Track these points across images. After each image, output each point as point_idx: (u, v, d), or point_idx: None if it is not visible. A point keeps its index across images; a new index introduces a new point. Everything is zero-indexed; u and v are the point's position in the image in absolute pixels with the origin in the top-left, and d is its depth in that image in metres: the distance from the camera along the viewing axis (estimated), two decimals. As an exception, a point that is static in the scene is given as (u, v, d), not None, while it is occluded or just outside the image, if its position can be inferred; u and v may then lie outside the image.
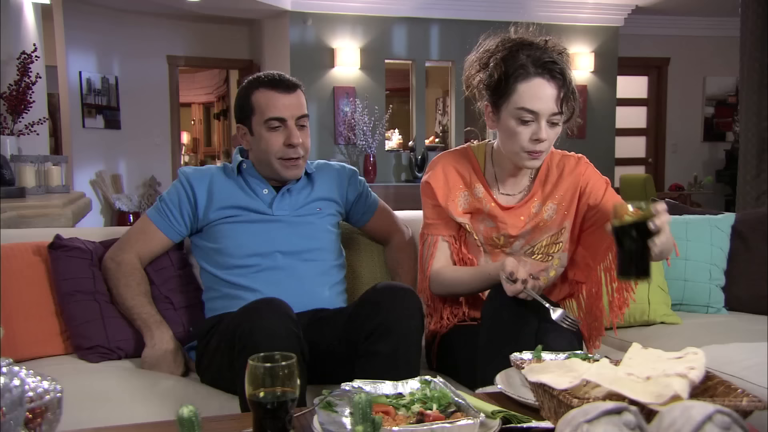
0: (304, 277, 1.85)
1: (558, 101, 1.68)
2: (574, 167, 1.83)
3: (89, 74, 7.44)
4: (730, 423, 0.83)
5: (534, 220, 1.82)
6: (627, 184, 7.91)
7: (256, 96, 1.87)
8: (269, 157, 1.87)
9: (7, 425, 0.83)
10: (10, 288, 1.83)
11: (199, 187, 1.90)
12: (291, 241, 1.87)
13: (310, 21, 6.96)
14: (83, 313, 1.85)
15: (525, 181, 1.86)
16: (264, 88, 1.86)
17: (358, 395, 0.94)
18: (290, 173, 1.89)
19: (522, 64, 1.68)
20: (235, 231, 1.87)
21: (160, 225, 1.92)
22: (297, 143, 1.85)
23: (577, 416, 0.86)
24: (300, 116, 1.87)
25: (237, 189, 1.92)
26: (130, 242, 1.93)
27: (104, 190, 7.46)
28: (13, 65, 4.15)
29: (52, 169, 4.09)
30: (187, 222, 1.92)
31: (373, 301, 1.63)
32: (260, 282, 1.82)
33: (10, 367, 0.90)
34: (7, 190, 3.42)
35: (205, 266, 1.91)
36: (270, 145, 1.86)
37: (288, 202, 1.93)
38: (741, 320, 2.27)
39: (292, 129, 1.85)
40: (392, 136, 7.87)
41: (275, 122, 1.85)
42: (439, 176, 1.85)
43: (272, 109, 1.84)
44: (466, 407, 1.14)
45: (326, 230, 1.96)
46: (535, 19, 4.58)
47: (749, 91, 4.52)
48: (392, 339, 1.56)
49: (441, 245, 1.86)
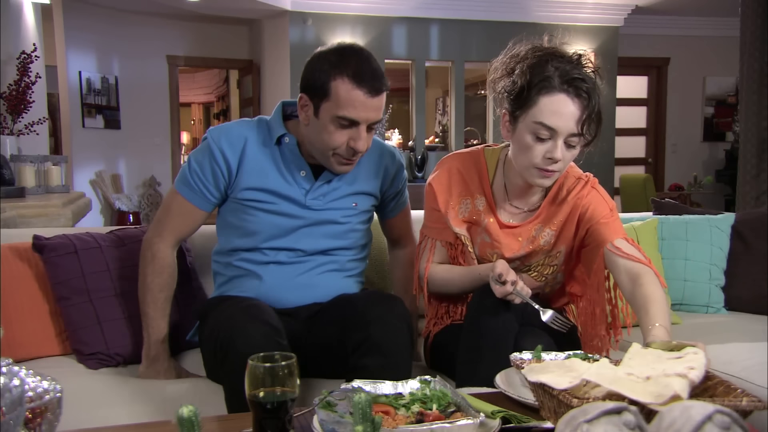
0: (318, 273, 1.79)
1: (579, 122, 1.57)
2: (578, 191, 1.74)
3: (89, 74, 7.44)
4: (730, 423, 0.83)
5: (531, 244, 1.76)
6: (627, 184, 7.92)
7: (337, 83, 1.62)
8: (325, 149, 1.68)
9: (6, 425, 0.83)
10: (9, 288, 1.83)
11: (231, 155, 1.71)
12: (317, 242, 1.78)
13: (309, 21, 6.96)
14: (80, 318, 1.84)
15: (535, 199, 1.77)
16: (349, 80, 1.62)
17: (357, 395, 0.94)
18: (341, 170, 1.73)
19: (548, 76, 1.56)
20: (263, 219, 1.74)
21: (193, 200, 1.75)
22: (361, 150, 1.68)
23: (577, 416, 0.86)
24: (374, 122, 1.69)
25: (272, 166, 1.74)
26: (168, 226, 1.79)
27: (104, 189, 7.46)
28: (12, 65, 4.15)
29: (52, 168, 4.09)
30: (222, 190, 1.76)
31: (363, 311, 1.61)
32: (269, 271, 1.76)
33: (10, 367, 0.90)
34: (7, 189, 3.42)
35: (220, 231, 1.83)
36: (332, 140, 1.66)
37: (324, 192, 1.77)
38: (741, 320, 2.27)
39: (361, 133, 1.66)
40: (392, 136, 7.87)
41: (346, 122, 1.64)
42: (443, 180, 1.79)
43: (349, 109, 1.63)
44: (466, 407, 1.14)
45: (356, 229, 1.84)
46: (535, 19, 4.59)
47: (749, 90, 4.52)
48: (381, 353, 1.54)
49: (438, 249, 1.83)
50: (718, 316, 2.33)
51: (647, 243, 2.31)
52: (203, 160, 1.72)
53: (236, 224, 1.77)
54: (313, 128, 1.69)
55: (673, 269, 2.35)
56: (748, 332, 2.08)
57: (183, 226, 1.79)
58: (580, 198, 1.73)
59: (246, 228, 1.75)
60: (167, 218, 1.79)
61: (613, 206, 1.76)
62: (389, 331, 1.57)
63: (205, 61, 8.54)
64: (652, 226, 2.37)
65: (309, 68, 1.68)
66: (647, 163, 9.18)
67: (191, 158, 1.75)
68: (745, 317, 2.31)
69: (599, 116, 1.60)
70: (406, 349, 1.60)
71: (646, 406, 0.99)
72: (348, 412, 1.12)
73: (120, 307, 1.87)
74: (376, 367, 1.52)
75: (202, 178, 1.73)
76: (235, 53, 8.30)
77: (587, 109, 1.57)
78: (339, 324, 1.66)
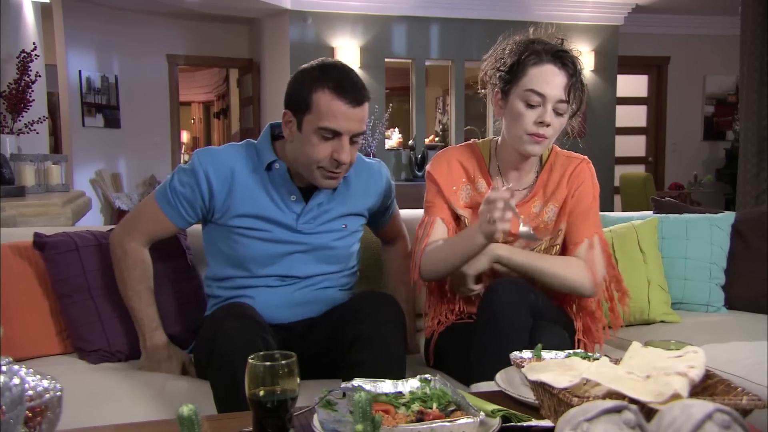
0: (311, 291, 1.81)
1: (566, 88, 1.70)
2: (574, 168, 1.83)
3: (89, 73, 7.44)
4: (730, 421, 0.83)
5: (534, 221, 1.81)
6: (627, 183, 7.91)
7: (318, 95, 1.64)
8: (310, 163, 1.69)
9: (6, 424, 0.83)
10: (9, 287, 1.83)
11: (216, 181, 1.72)
12: (310, 268, 1.80)
13: (310, 20, 6.96)
14: (81, 315, 1.85)
15: (528, 179, 1.85)
16: (330, 91, 1.64)
17: (357, 394, 0.94)
18: (327, 184, 1.73)
19: (536, 50, 1.72)
20: (255, 246, 1.75)
21: (168, 214, 1.77)
22: (345, 162, 1.69)
23: (577, 415, 0.86)
24: (357, 133, 1.70)
25: (262, 192, 1.75)
26: (138, 226, 1.81)
27: (104, 188, 7.46)
28: (12, 64, 4.15)
29: (52, 167, 4.09)
30: (199, 214, 1.78)
31: (355, 309, 1.63)
32: (262, 293, 1.78)
33: (10, 366, 0.90)
34: (7, 188, 3.42)
35: (211, 258, 1.85)
36: (316, 153, 1.67)
37: (314, 215, 1.78)
38: (741, 319, 2.27)
39: (344, 145, 1.67)
40: (392, 135, 7.87)
41: (329, 133, 1.66)
42: (443, 167, 1.85)
43: (331, 120, 1.64)
44: (466, 406, 1.14)
45: (347, 251, 1.85)
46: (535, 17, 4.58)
47: (749, 89, 4.52)
48: (374, 348, 1.55)
49: (438, 225, 1.82)
50: (718, 315, 2.33)
51: (647, 242, 2.31)
52: (186, 179, 1.74)
53: (227, 252, 1.79)
54: (298, 143, 1.70)
55: (674, 268, 2.35)
56: (748, 331, 2.08)
57: (154, 231, 1.82)
58: (576, 174, 1.83)
59: (237, 256, 1.77)
60: (139, 222, 1.82)
61: (596, 192, 1.84)
62: (381, 324, 1.59)
63: (205, 60, 8.54)
64: (652, 225, 2.37)
65: (292, 85, 1.71)
66: (647, 162, 9.18)
67: (175, 175, 1.77)
68: (745, 316, 2.31)
69: (583, 85, 1.76)
70: (399, 342, 1.62)
71: (646, 405, 0.99)
72: (348, 411, 1.12)
73: (121, 303, 1.86)
74: (371, 361, 1.54)
75: (180, 197, 1.75)
76: (235, 52, 8.30)
77: (572, 78, 1.72)
78: (332, 325, 1.69)
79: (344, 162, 1.69)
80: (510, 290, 1.63)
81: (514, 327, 1.58)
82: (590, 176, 1.84)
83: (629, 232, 2.32)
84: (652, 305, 2.24)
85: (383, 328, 1.59)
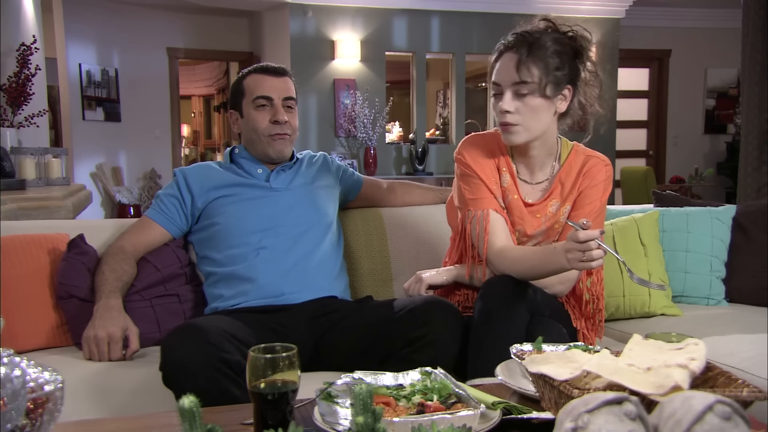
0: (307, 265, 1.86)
1: (516, 66, 1.66)
2: (590, 167, 1.80)
3: (89, 66, 7.43)
4: (731, 413, 0.83)
5: (550, 221, 1.80)
6: (628, 176, 7.91)
7: (247, 81, 1.99)
8: (258, 135, 1.96)
9: (8, 415, 0.83)
10: (10, 280, 1.83)
11: (193, 179, 1.97)
12: (293, 212, 1.91)
13: (310, 13, 6.94)
14: (80, 312, 1.85)
15: (543, 174, 1.82)
16: (254, 73, 1.99)
17: (358, 386, 0.94)
18: (278, 147, 1.96)
19: (501, 43, 1.73)
20: (232, 209, 1.91)
21: (157, 219, 1.97)
22: (282, 120, 1.94)
23: (578, 406, 0.86)
24: (287, 97, 1.97)
25: (231, 173, 1.99)
26: (125, 234, 1.98)
27: (104, 182, 7.46)
28: (12, 57, 4.14)
29: (53, 161, 4.08)
30: (187, 213, 1.97)
31: (420, 312, 1.64)
32: (260, 270, 1.82)
33: (11, 358, 0.90)
34: (8, 182, 3.41)
35: (203, 253, 1.93)
36: (257, 123, 1.95)
37: (284, 178, 2.00)
38: (741, 312, 2.27)
39: (278, 108, 1.95)
40: (393, 129, 7.86)
41: (262, 100, 1.95)
42: (474, 154, 1.80)
43: (260, 89, 1.95)
44: (467, 398, 1.14)
45: (326, 199, 2.02)
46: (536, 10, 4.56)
47: (750, 82, 4.52)
48: (432, 351, 1.58)
49: (494, 218, 1.75)
50: (719, 308, 2.33)
51: (648, 235, 2.31)
52: (169, 189, 2.00)
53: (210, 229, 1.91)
54: (245, 127, 2.00)
55: (674, 261, 2.35)
56: (749, 324, 2.08)
57: (139, 235, 1.96)
58: (590, 173, 1.79)
59: (222, 224, 1.89)
60: (129, 233, 1.98)
61: (605, 197, 1.80)
62: (445, 331, 1.61)
63: (205, 53, 8.52)
64: (653, 218, 2.37)
65: (229, 94, 2.05)
66: (648, 155, 9.17)
67: (159, 192, 2.01)
68: (746, 309, 2.31)
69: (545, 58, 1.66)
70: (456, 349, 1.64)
71: (647, 397, 0.99)
72: (349, 403, 1.12)
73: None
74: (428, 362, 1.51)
75: (165, 201, 1.98)
76: (236, 45, 8.28)
77: (525, 55, 1.66)
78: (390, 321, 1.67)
79: (281, 120, 1.94)
80: (506, 285, 1.62)
81: (509, 323, 1.58)
82: (604, 179, 1.80)
83: (630, 225, 2.32)
84: (653, 298, 2.24)
85: (444, 335, 1.61)
